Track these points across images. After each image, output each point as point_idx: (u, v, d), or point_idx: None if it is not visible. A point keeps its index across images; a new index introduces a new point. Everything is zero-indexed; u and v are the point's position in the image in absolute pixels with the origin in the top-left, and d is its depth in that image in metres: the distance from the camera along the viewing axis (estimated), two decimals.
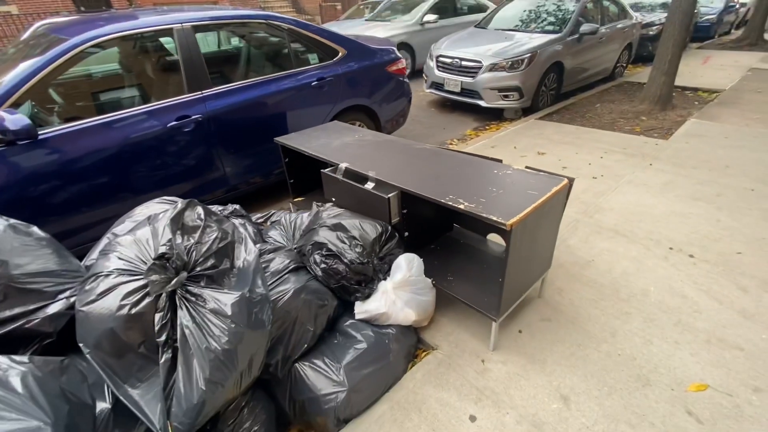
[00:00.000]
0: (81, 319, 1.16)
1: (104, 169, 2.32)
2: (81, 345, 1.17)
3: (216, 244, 1.32)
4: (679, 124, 4.52)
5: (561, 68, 5.27)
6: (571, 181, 1.77)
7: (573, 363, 1.75)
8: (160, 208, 1.35)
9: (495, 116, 5.34)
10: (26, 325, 1.14)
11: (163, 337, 1.12)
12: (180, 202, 1.35)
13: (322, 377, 1.55)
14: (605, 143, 4.06)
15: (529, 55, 4.77)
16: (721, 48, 9.23)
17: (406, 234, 2.01)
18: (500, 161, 2.00)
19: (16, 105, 2.10)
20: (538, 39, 5.06)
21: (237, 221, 1.95)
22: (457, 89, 5.18)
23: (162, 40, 2.85)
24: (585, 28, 5.29)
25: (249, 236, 1.90)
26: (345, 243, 1.79)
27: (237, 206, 2.08)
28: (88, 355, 1.16)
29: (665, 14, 7.74)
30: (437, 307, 2.01)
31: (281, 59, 3.21)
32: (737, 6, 12.13)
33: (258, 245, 1.79)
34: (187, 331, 1.13)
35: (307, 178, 2.84)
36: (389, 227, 1.91)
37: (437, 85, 5.51)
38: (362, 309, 1.78)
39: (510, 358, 1.79)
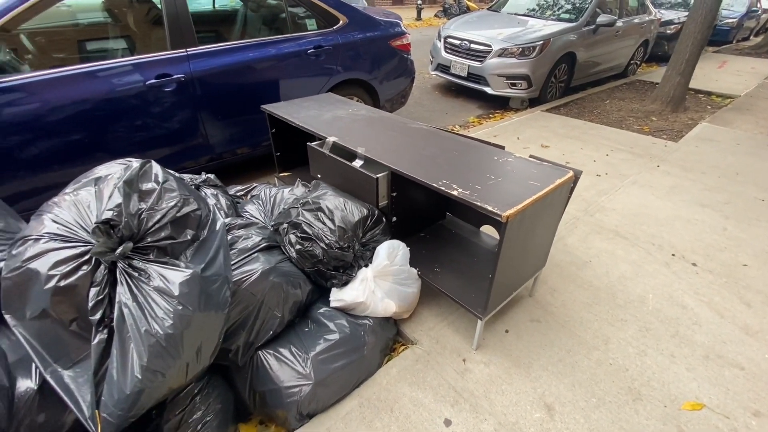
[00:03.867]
0: (6, 287, 1.01)
1: (73, 125, 2.13)
2: (6, 317, 1.02)
3: (173, 213, 1.16)
4: (690, 127, 4.34)
5: (573, 60, 5.04)
6: (577, 174, 1.62)
7: (560, 370, 1.63)
8: (113, 169, 1.19)
9: (500, 105, 5.13)
10: None
11: (98, 315, 0.98)
12: (135, 162, 1.19)
13: (287, 368, 1.42)
14: (612, 141, 3.89)
15: (541, 42, 4.54)
16: (739, 54, 8.97)
17: (394, 219, 1.86)
18: (503, 148, 1.84)
19: None
20: (552, 26, 4.82)
21: (209, 191, 1.79)
22: (464, 73, 4.96)
23: None
24: (602, 19, 5.04)
25: (219, 208, 1.74)
26: (324, 225, 1.64)
27: (211, 176, 1.91)
28: (14, 329, 1.02)
29: (686, 13, 7.48)
30: (421, 299, 1.88)
31: (278, 23, 2.99)
32: (759, 12, 11.77)
33: (228, 219, 1.63)
34: (125, 311, 0.98)
35: (295, 152, 2.66)
36: (376, 210, 1.76)
37: (443, 68, 5.28)
38: (338, 297, 1.64)
39: (493, 360, 1.67)
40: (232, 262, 1.40)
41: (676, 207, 2.77)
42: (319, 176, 2.02)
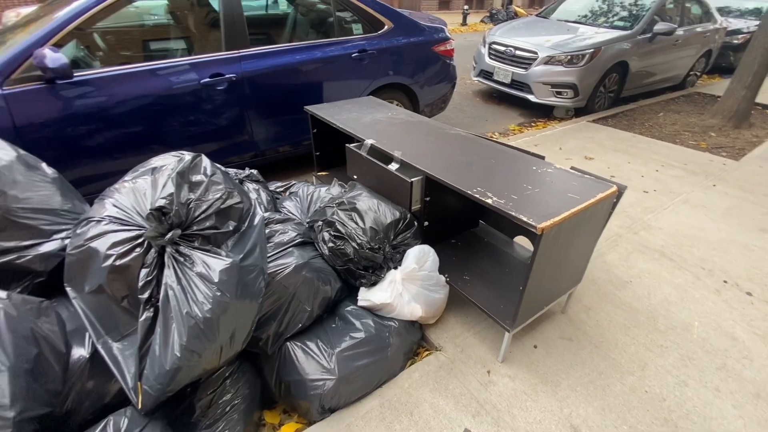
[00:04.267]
0: (69, 262, 1.12)
1: (134, 118, 2.31)
2: (68, 289, 1.13)
3: (218, 204, 1.24)
4: (754, 144, 4.01)
5: (625, 69, 4.81)
6: (621, 189, 1.55)
7: (590, 392, 1.56)
8: (167, 161, 1.28)
9: (543, 113, 4.99)
10: (17, 261, 1.11)
11: (146, 295, 1.06)
12: (187, 155, 1.28)
13: (313, 361, 1.46)
14: (663, 156, 3.68)
15: (591, 50, 4.37)
16: None
17: (426, 224, 1.87)
18: (543, 158, 1.79)
19: (59, 45, 2.10)
20: (604, 34, 4.62)
21: (251, 186, 1.88)
22: (507, 80, 4.87)
23: None
24: (659, 27, 4.77)
25: (260, 202, 1.82)
26: (357, 225, 1.67)
27: (254, 171, 2.00)
28: (73, 301, 1.12)
29: (756, 22, 6.92)
30: (448, 306, 1.87)
31: (325, 27, 3.08)
32: None
33: (267, 213, 1.70)
34: (170, 292, 1.06)
35: (334, 153, 2.73)
36: (408, 214, 1.77)
37: (486, 74, 5.21)
38: (366, 296, 1.67)
39: (519, 374, 1.63)
40: (269, 255, 1.46)
41: (731, 230, 2.57)
42: (355, 177, 2.06)
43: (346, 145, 2.05)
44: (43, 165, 1.31)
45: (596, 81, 4.58)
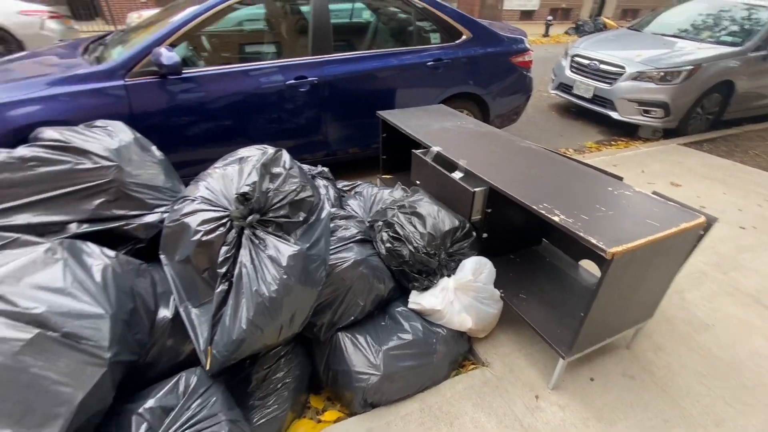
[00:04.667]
0: (165, 233, 1.29)
1: (226, 112, 2.57)
2: (161, 256, 1.31)
3: (292, 196, 1.34)
4: None
5: (730, 89, 4.30)
6: (710, 221, 1.41)
7: None
8: (252, 153, 1.42)
9: (626, 132, 4.62)
10: (125, 227, 1.30)
11: (223, 269, 1.19)
12: (270, 149, 1.41)
13: (360, 354, 1.51)
14: None
15: (689, 67, 3.97)
16: None
17: (485, 235, 1.84)
18: (620, 179, 1.69)
19: (173, 45, 2.41)
20: (707, 50, 4.18)
21: (321, 182, 2.00)
22: (588, 95, 4.59)
23: (299, 2, 3.01)
24: None
25: (328, 198, 1.93)
26: (415, 228, 1.70)
27: (325, 169, 2.12)
28: (165, 267, 1.29)
29: None
30: (500, 322, 1.82)
31: (404, 35, 3.17)
32: None
33: (333, 209, 1.80)
34: (243, 270, 1.17)
35: (399, 157, 2.79)
36: (467, 224, 1.76)
37: (565, 87, 4.96)
38: (417, 300, 1.69)
39: (570, 405, 1.54)
40: (331, 248, 1.55)
41: None
42: (418, 182, 2.10)
43: (413, 150, 2.09)
44: (153, 148, 1.52)
45: (693, 101, 4.14)
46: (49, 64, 2.45)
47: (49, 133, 1.24)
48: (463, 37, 3.14)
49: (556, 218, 1.36)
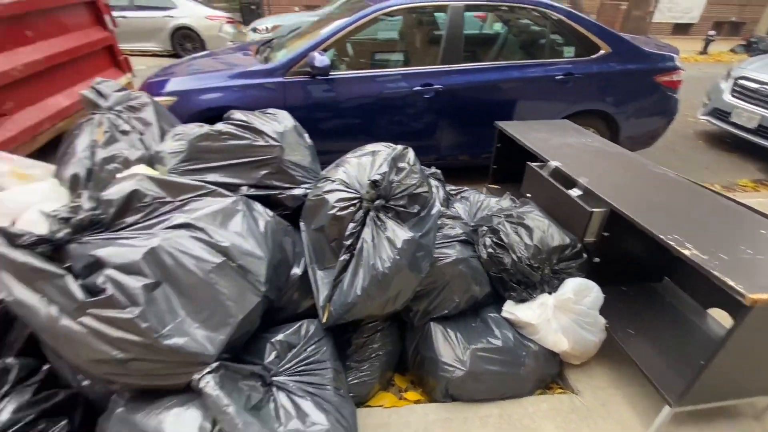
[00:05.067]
0: (307, 205, 1.56)
1: (358, 112, 2.88)
2: (301, 224, 1.58)
3: (412, 189, 1.50)
4: None
5: None
6: None
7: None
8: (382, 148, 1.62)
9: None
10: (278, 196, 1.61)
11: (348, 242, 1.39)
12: (399, 146, 1.59)
13: (449, 347, 1.60)
14: None
15: None
16: None
17: (597, 260, 1.76)
18: None
19: (324, 50, 2.80)
20: None
21: (433, 182, 2.13)
22: (751, 125, 3.90)
23: (436, 14, 3.21)
24: None
25: (438, 197, 2.06)
26: (521, 239, 1.72)
27: (438, 171, 2.25)
28: (302, 233, 1.56)
29: None
30: (598, 353, 1.73)
31: (534, 47, 3.14)
32: None
33: (441, 208, 1.92)
34: (364, 245, 1.37)
35: (510, 169, 2.78)
36: (578, 244, 1.72)
37: (720, 114, 4.28)
38: (511, 310, 1.71)
39: None
40: (436, 242, 1.67)
41: None
42: (528, 195, 2.09)
43: (528, 163, 2.09)
44: (306, 135, 1.83)
45: None
46: (227, 62, 3.07)
47: (238, 115, 1.61)
48: (601, 51, 2.97)
49: (686, 252, 1.26)
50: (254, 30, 7.13)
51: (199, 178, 1.50)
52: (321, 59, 2.59)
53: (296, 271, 1.53)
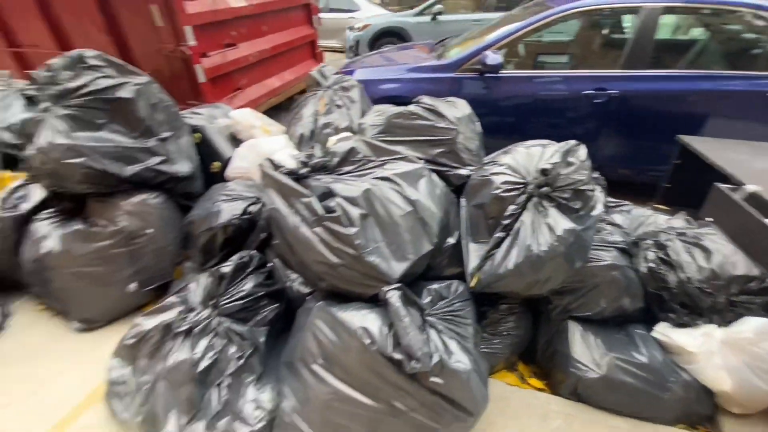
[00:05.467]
0: (471, 183, 1.74)
1: (518, 110, 2.94)
2: (462, 200, 1.77)
3: (578, 185, 1.54)
4: None
5: None
6: None
7: None
8: (553, 142, 1.67)
9: None
10: (446, 173, 1.81)
11: (506, 222, 1.52)
12: (573, 141, 1.63)
13: (585, 347, 1.60)
14: None
15: None
16: None
17: None
18: None
19: (498, 49, 2.92)
20: None
21: (596, 187, 2.08)
22: None
23: (623, 17, 3.01)
24: None
25: (599, 201, 2.02)
26: (694, 260, 1.59)
27: (602, 177, 2.18)
28: (461, 208, 1.75)
29: None
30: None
31: (743, 57, 2.69)
32: None
33: (602, 212, 1.88)
34: (522, 227, 1.48)
35: (683, 191, 2.48)
36: None
37: None
38: (665, 332, 1.60)
39: None
40: (592, 245, 1.66)
41: None
42: (710, 220, 1.88)
43: (716, 184, 1.87)
44: (477, 123, 2.01)
45: None
46: (410, 56, 3.46)
47: (426, 99, 1.88)
48: None
49: None
50: (350, 28, 7.57)
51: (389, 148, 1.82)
52: (494, 57, 2.73)
53: (450, 240, 1.73)
